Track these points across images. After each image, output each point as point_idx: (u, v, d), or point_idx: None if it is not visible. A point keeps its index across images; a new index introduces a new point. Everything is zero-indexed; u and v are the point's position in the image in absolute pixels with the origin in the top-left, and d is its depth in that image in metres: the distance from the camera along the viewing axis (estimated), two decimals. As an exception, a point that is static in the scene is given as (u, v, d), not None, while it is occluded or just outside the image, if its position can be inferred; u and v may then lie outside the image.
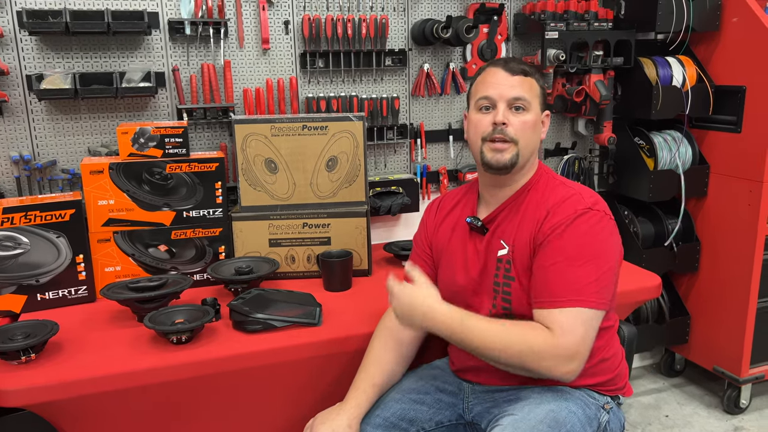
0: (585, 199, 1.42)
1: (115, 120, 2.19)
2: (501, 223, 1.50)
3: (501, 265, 1.47)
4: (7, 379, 1.45)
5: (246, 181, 2.09)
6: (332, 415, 1.47)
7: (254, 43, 2.30)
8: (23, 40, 2.03)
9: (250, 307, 1.69)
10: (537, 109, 1.47)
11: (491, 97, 1.45)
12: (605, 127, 2.68)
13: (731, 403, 2.71)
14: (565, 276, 1.34)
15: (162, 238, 1.99)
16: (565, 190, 1.45)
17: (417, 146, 2.58)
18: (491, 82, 1.46)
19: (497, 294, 1.48)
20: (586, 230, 1.37)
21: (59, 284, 1.86)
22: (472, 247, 1.54)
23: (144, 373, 1.51)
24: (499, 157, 1.44)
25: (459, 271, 1.55)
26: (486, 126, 1.45)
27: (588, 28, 2.54)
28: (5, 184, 2.08)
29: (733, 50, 2.55)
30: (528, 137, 1.45)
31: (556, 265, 1.35)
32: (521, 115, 1.44)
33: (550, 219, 1.40)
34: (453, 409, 1.55)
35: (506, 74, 1.45)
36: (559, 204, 1.41)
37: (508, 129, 1.43)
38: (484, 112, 1.46)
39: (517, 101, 1.44)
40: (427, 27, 2.41)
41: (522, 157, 1.45)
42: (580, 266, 1.34)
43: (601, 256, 1.37)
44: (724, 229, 2.66)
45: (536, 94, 1.47)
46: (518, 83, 1.45)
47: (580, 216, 1.38)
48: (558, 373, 1.31)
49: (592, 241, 1.37)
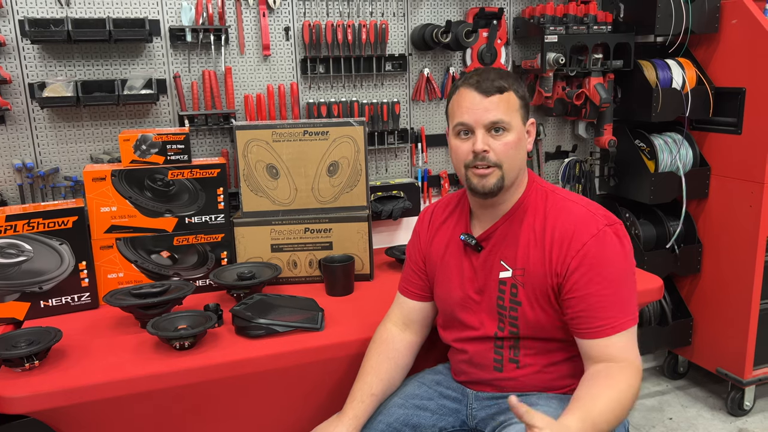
0: (597, 216, 1.38)
1: (117, 127, 2.20)
2: (498, 243, 1.46)
3: (505, 288, 1.44)
4: (11, 386, 1.45)
5: (248, 187, 2.10)
6: (330, 427, 1.45)
7: (255, 50, 2.31)
8: (25, 48, 2.04)
9: (253, 312, 1.69)
10: (518, 124, 1.39)
11: (467, 123, 1.38)
12: (605, 129, 2.69)
13: (735, 405, 2.70)
14: (613, 300, 1.33)
15: (164, 245, 1.99)
16: (571, 207, 1.41)
17: (418, 150, 2.59)
18: (466, 107, 1.38)
19: (503, 317, 1.45)
20: (618, 250, 1.36)
21: (62, 291, 1.87)
22: (467, 263, 1.51)
23: (147, 379, 1.51)
24: (484, 182, 1.39)
25: (455, 287, 1.52)
26: (467, 153, 1.39)
27: (587, 31, 2.55)
28: (8, 192, 2.09)
29: (733, 52, 2.55)
30: (512, 158, 1.39)
31: (604, 291, 1.33)
32: (502, 137, 1.37)
33: (573, 245, 1.35)
34: (456, 415, 1.54)
35: (479, 96, 1.37)
36: (576, 226, 1.36)
37: (489, 155, 1.37)
38: (462, 138, 1.40)
39: (495, 125, 1.37)
40: (426, 32, 2.41)
41: (508, 179, 1.40)
42: (621, 286, 1.34)
43: (632, 269, 1.38)
44: (725, 231, 2.66)
45: (515, 109, 1.39)
46: (494, 105, 1.36)
47: (605, 235, 1.35)
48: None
49: (625, 258, 1.37)
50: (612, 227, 1.37)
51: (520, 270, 1.42)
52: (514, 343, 1.45)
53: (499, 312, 1.45)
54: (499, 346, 1.47)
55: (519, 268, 1.42)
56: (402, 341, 1.59)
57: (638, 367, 1.33)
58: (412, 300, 1.63)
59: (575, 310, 1.35)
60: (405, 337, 1.61)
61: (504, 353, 1.47)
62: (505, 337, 1.46)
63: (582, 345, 1.36)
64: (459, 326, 1.54)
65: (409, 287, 1.64)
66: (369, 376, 1.53)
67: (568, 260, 1.35)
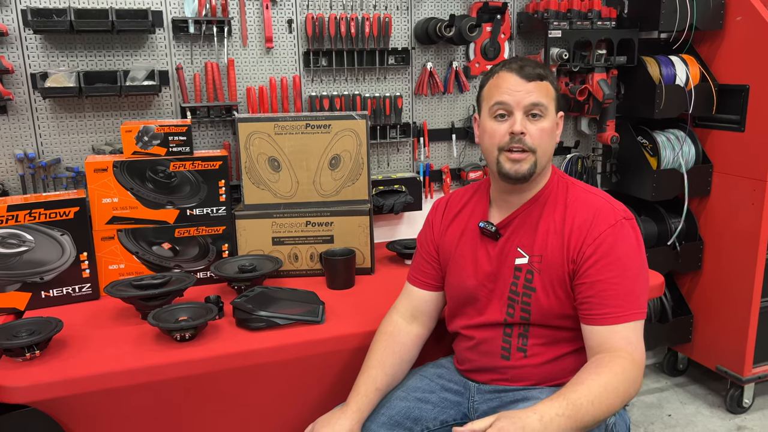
0: (616, 208, 1.41)
1: (119, 118, 2.19)
2: (516, 230, 1.47)
3: (520, 274, 1.45)
4: (12, 376, 1.45)
5: (249, 180, 2.10)
6: (333, 419, 1.44)
7: (258, 42, 2.31)
8: (28, 38, 2.04)
9: (254, 304, 1.70)
10: (553, 113, 1.42)
11: (507, 103, 1.39)
12: (608, 126, 2.68)
13: (734, 402, 2.70)
14: (622, 290, 1.33)
15: (165, 236, 1.99)
16: (591, 198, 1.43)
17: (420, 145, 2.58)
18: (506, 88, 1.39)
19: (515, 303, 1.45)
20: (633, 243, 1.38)
21: (63, 282, 1.87)
22: (483, 251, 1.51)
23: (148, 370, 1.51)
24: (518, 167, 1.39)
25: (469, 275, 1.53)
26: (502, 135, 1.39)
27: (591, 26, 2.54)
28: (10, 182, 2.09)
29: (737, 49, 2.54)
30: (546, 145, 1.41)
31: (614, 279, 1.34)
32: (539, 123, 1.39)
33: (591, 233, 1.37)
34: (458, 408, 1.55)
35: (521, 80, 1.38)
36: (595, 216, 1.39)
37: (526, 138, 1.38)
38: (499, 120, 1.40)
39: (534, 108, 1.38)
40: (430, 26, 2.41)
41: (540, 166, 1.41)
42: (632, 279, 1.34)
43: (645, 265, 1.39)
44: (727, 229, 2.65)
45: (552, 98, 1.42)
46: (535, 89, 1.38)
47: (622, 227, 1.37)
48: (641, 384, 1.32)
49: (639, 252, 1.38)
50: (629, 221, 1.40)
51: (537, 257, 1.43)
52: (523, 330, 1.46)
53: (510, 297, 1.46)
54: (508, 334, 1.48)
55: (536, 255, 1.43)
56: (408, 334, 1.59)
57: (637, 360, 1.31)
58: (421, 290, 1.63)
59: (584, 296, 1.36)
60: (411, 330, 1.60)
61: (512, 341, 1.47)
62: (515, 323, 1.46)
63: (586, 332, 1.37)
64: (469, 313, 1.54)
65: (420, 276, 1.63)
66: (374, 369, 1.52)
67: (585, 248, 1.37)
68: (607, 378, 1.26)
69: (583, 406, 1.21)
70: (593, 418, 1.22)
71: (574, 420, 1.19)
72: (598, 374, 1.27)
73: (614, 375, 1.27)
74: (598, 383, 1.25)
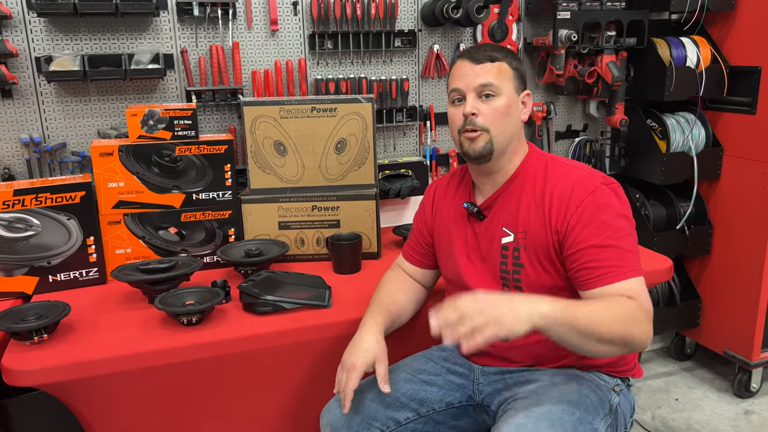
0: (594, 176, 1.42)
1: (124, 102, 2.18)
2: (499, 210, 1.50)
3: (508, 252, 1.47)
4: (20, 360, 1.46)
5: (255, 164, 2.09)
6: (356, 342, 1.46)
7: (263, 25, 2.28)
8: (32, 21, 2.03)
9: (260, 289, 1.70)
10: (510, 92, 1.45)
11: (459, 89, 1.45)
12: (617, 108, 2.65)
13: (742, 386, 2.70)
14: (613, 252, 1.33)
15: (172, 221, 1.99)
16: (570, 171, 1.44)
17: (426, 129, 2.57)
18: (458, 75, 1.46)
19: (507, 281, 1.47)
20: (615, 204, 1.37)
21: (70, 266, 1.87)
22: (471, 232, 1.55)
23: (155, 354, 1.52)
24: (474, 146, 1.43)
25: (461, 257, 1.55)
26: (459, 118, 1.46)
27: (600, 8, 2.50)
28: (16, 167, 2.09)
29: (749, 30, 2.50)
30: (500, 123, 1.43)
31: (606, 242, 1.33)
32: (491, 102, 1.43)
33: (573, 201, 1.37)
34: (463, 390, 1.55)
35: (471, 64, 1.44)
36: (575, 185, 1.39)
37: (477, 119, 1.43)
38: (456, 105, 1.47)
39: (485, 88, 1.43)
40: (437, 7, 2.38)
41: (497, 143, 1.43)
42: (620, 239, 1.34)
43: (632, 227, 1.39)
44: (737, 213, 2.63)
45: (508, 77, 1.45)
46: (483, 71, 1.43)
47: (602, 192, 1.38)
48: (650, 336, 1.28)
49: (623, 212, 1.38)
50: (609, 186, 1.40)
51: (521, 233, 1.45)
52: None
53: (502, 276, 1.48)
54: None
55: (520, 232, 1.45)
56: (412, 281, 1.69)
57: (644, 306, 1.28)
58: (413, 265, 1.71)
59: (579, 263, 1.35)
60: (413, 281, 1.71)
61: None
62: None
63: (585, 297, 1.36)
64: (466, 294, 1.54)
65: (413, 254, 1.71)
66: (385, 296, 1.61)
67: (568, 217, 1.37)
68: (611, 305, 1.26)
69: (579, 311, 1.20)
70: (589, 323, 1.19)
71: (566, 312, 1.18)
72: (599, 302, 1.27)
73: (622, 304, 1.26)
74: (599, 307, 1.24)
